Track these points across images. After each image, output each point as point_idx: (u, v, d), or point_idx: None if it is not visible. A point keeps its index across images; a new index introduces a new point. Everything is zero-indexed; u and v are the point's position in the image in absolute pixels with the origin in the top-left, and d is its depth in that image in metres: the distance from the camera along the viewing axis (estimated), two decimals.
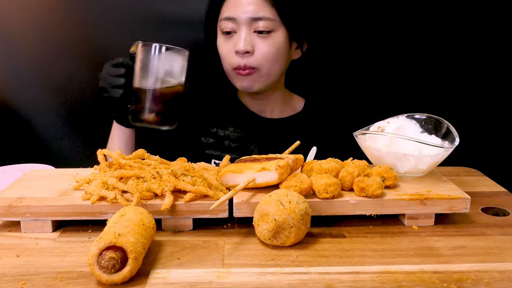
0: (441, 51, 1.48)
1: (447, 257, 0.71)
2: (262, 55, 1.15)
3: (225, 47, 1.18)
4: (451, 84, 1.51)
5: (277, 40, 1.16)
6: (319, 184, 0.79)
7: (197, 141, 1.15)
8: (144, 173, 0.81)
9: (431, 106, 1.45)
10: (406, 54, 1.48)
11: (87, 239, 0.76)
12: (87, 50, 1.44)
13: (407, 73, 1.50)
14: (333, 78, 1.50)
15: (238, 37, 1.15)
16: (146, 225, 0.68)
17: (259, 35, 1.15)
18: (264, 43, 1.15)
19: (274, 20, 1.15)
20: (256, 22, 1.14)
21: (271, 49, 1.15)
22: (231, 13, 1.15)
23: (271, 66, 1.17)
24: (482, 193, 0.97)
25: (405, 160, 0.88)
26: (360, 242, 0.75)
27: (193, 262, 0.69)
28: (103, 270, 0.62)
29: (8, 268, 0.67)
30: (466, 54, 1.49)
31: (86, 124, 1.49)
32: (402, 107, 1.38)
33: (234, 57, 1.16)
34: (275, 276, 0.65)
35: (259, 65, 1.16)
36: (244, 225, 0.80)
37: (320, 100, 1.35)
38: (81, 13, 1.42)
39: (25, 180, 0.88)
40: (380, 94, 1.50)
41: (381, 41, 1.47)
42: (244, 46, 1.13)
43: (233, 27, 1.16)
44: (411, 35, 1.47)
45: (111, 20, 1.42)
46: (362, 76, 1.51)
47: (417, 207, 0.80)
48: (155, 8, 1.42)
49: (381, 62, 1.49)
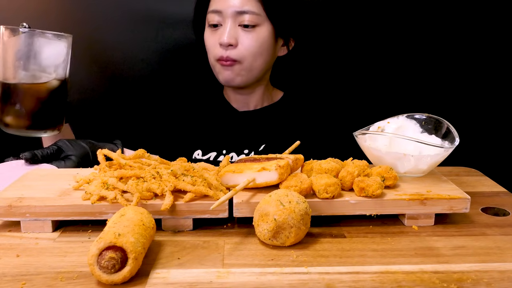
0: (441, 51, 1.48)
1: (447, 257, 0.71)
2: (245, 48, 1.16)
3: (210, 39, 1.20)
4: (451, 84, 1.51)
5: (262, 34, 1.17)
6: (319, 184, 0.79)
7: (179, 137, 1.15)
8: (144, 173, 0.81)
9: (431, 106, 1.46)
10: (407, 53, 1.48)
11: (87, 239, 0.76)
12: (87, 50, 1.44)
13: (407, 73, 1.50)
14: (327, 75, 1.50)
15: (223, 30, 1.17)
16: (146, 225, 0.68)
17: (244, 29, 1.16)
18: (248, 37, 1.16)
19: (260, 15, 1.16)
20: (241, 16, 1.15)
21: (254, 43, 1.17)
22: (217, 6, 1.17)
23: (254, 60, 1.18)
24: (482, 193, 0.97)
25: (405, 160, 0.88)
26: (360, 242, 0.75)
27: (193, 262, 0.69)
28: (103, 270, 0.62)
29: (8, 268, 0.67)
30: (466, 53, 1.49)
31: (88, 123, 1.49)
32: (402, 107, 1.38)
33: (218, 49, 1.18)
34: (275, 276, 0.65)
35: (241, 58, 1.17)
36: (244, 225, 0.80)
37: (298, 93, 1.36)
38: (81, 13, 1.42)
39: (25, 180, 0.88)
40: (380, 94, 1.50)
41: (381, 41, 1.47)
42: (228, 39, 1.15)
43: (219, 20, 1.17)
44: (412, 35, 1.47)
45: (111, 20, 1.42)
46: (362, 76, 1.51)
47: (417, 207, 0.80)
48: (155, 8, 1.42)
49: (381, 62, 1.49)
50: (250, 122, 1.29)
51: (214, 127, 1.30)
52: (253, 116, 1.30)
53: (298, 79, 1.47)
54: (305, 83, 1.49)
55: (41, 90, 0.82)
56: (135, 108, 1.50)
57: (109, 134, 1.34)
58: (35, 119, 0.82)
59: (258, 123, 1.29)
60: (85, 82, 1.46)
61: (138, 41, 1.44)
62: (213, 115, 1.32)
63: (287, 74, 1.39)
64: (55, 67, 0.83)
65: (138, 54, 1.45)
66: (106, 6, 1.42)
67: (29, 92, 0.81)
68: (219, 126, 1.30)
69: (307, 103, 1.33)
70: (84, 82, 1.46)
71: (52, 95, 0.84)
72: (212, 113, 1.33)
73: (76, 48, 1.43)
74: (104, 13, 1.42)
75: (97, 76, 1.47)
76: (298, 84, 1.46)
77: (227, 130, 1.29)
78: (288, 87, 1.38)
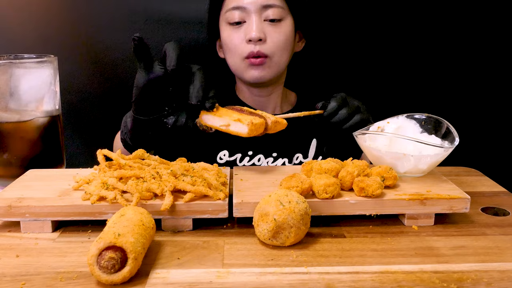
0: (441, 51, 1.48)
1: (447, 257, 0.71)
2: (274, 43, 1.15)
3: (235, 38, 1.16)
4: (451, 84, 1.51)
5: (287, 28, 1.16)
6: (318, 184, 0.79)
7: (195, 141, 1.14)
8: (144, 173, 0.81)
9: (431, 106, 1.46)
10: (406, 54, 1.48)
11: (86, 239, 0.76)
12: (89, 51, 1.44)
13: (407, 73, 1.50)
14: (326, 74, 1.50)
15: (249, 26, 1.14)
16: (146, 225, 0.68)
17: (270, 23, 1.14)
18: (276, 31, 1.15)
19: (283, 8, 1.15)
20: (266, 10, 1.14)
21: (282, 37, 1.15)
22: (239, 3, 1.14)
23: (282, 54, 1.17)
24: (482, 193, 0.97)
25: (405, 160, 0.88)
26: (360, 242, 0.75)
27: (193, 262, 0.69)
28: (103, 270, 0.62)
29: (8, 268, 0.67)
30: (466, 53, 1.49)
31: (86, 124, 1.49)
32: (402, 107, 1.38)
33: (246, 46, 1.15)
34: (275, 276, 0.65)
35: (271, 53, 1.15)
36: (244, 225, 0.80)
37: (312, 94, 1.35)
38: (80, 13, 1.42)
39: (25, 180, 0.88)
40: (380, 94, 1.50)
41: (381, 40, 1.47)
42: (257, 33, 1.12)
43: (242, 16, 1.15)
44: (411, 35, 1.47)
45: (111, 20, 1.42)
46: (361, 76, 1.51)
47: (417, 207, 0.80)
48: (155, 8, 1.42)
49: (381, 62, 1.49)
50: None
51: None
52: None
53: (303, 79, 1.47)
54: (313, 83, 1.49)
55: (26, 131, 0.71)
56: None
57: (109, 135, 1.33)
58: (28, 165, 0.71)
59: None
60: (85, 83, 1.46)
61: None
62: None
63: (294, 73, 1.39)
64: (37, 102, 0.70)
65: None
66: (106, 6, 1.42)
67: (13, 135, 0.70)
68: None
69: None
70: (85, 83, 1.46)
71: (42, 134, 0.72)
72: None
73: (76, 49, 1.44)
74: (104, 13, 1.42)
75: (97, 76, 1.47)
76: (306, 84, 1.46)
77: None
78: (297, 87, 1.38)
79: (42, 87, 0.72)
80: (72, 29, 1.42)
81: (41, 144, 0.73)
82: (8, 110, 0.70)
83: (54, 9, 1.42)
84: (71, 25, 1.43)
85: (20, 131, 0.72)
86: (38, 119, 0.73)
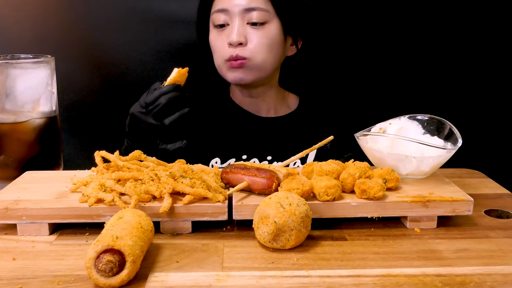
0: (444, 52, 1.48)
1: (450, 260, 0.70)
2: (255, 46, 1.14)
3: (218, 41, 1.17)
4: (454, 85, 1.51)
5: (271, 32, 1.15)
6: (319, 186, 0.78)
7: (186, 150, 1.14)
8: (142, 175, 0.80)
9: (433, 107, 1.45)
10: (408, 54, 1.48)
11: (84, 242, 0.75)
12: (86, 50, 1.43)
13: (409, 74, 1.50)
14: (329, 77, 1.49)
15: (231, 29, 1.14)
16: (144, 227, 0.67)
17: (253, 27, 1.14)
18: (258, 34, 1.14)
19: (268, 11, 1.14)
20: (249, 13, 1.13)
21: (264, 41, 1.14)
22: (223, 5, 1.14)
23: (264, 57, 1.16)
24: (485, 195, 0.96)
25: (407, 161, 0.87)
26: (362, 245, 0.75)
27: (192, 265, 0.68)
28: (101, 273, 0.61)
29: (4, 272, 0.66)
30: (469, 55, 1.48)
31: (83, 125, 1.48)
32: (404, 108, 1.37)
33: (226, 49, 1.15)
34: (275, 280, 0.64)
35: (251, 56, 1.14)
36: (243, 228, 0.79)
37: (315, 98, 1.34)
38: (80, 13, 1.42)
39: (21, 182, 0.87)
40: (382, 95, 1.50)
41: (383, 41, 1.47)
42: (237, 37, 1.12)
43: (225, 19, 1.15)
44: (413, 35, 1.47)
45: (110, 20, 1.42)
46: (363, 76, 1.50)
47: (419, 210, 0.79)
48: (154, 7, 1.41)
49: (383, 63, 1.49)
50: (271, 129, 1.27)
51: (231, 133, 1.27)
52: (273, 123, 1.28)
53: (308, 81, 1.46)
54: (318, 85, 1.48)
55: (23, 132, 0.70)
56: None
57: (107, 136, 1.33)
58: (24, 167, 0.70)
59: (279, 130, 1.27)
60: (82, 84, 1.45)
61: (137, 42, 1.43)
62: (231, 120, 1.29)
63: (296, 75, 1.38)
64: (33, 103, 0.69)
65: (137, 55, 1.44)
66: (105, 6, 1.42)
67: (10, 136, 0.69)
68: (237, 132, 1.27)
69: (325, 108, 1.32)
70: (83, 83, 1.45)
71: (39, 135, 0.71)
72: (229, 118, 1.29)
73: (73, 49, 1.43)
74: (104, 13, 1.42)
75: (94, 77, 1.46)
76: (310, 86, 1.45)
77: (249, 136, 1.26)
78: (300, 90, 1.37)
79: (38, 87, 0.73)
80: (70, 29, 1.42)
81: (38, 145, 0.73)
82: (4, 111, 0.71)
83: (52, 8, 1.41)
84: (68, 25, 1.42)
85: (17, 132, 0.73)
86: (34, 120, 0.73)
